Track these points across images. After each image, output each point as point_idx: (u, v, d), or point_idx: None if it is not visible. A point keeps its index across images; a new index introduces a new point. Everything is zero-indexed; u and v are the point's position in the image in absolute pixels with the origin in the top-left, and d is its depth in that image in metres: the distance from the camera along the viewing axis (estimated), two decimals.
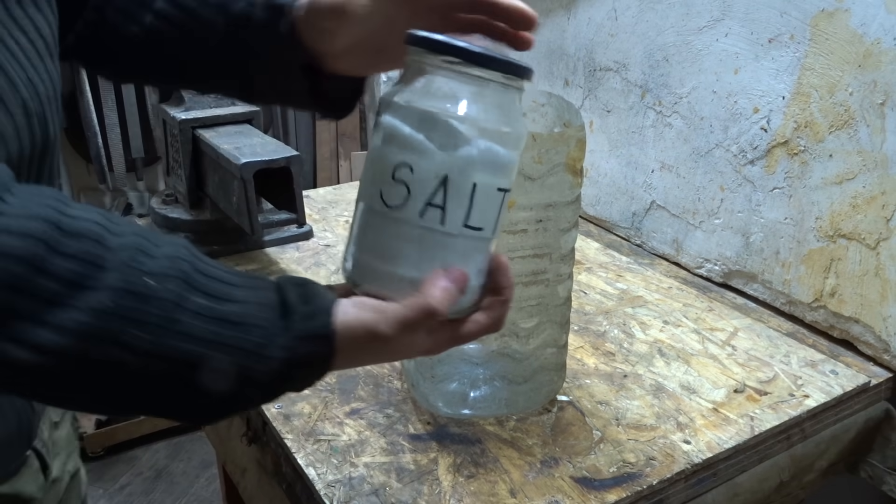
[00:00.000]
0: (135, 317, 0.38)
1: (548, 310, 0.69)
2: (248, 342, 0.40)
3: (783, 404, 0.75)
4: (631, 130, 1.10)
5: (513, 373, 0.71)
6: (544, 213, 0.65)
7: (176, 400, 0.41)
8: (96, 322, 0.37)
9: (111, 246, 0.38)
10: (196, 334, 0.39)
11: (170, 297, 0.39)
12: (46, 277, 0.36)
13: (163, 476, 1.95)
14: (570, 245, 0.69)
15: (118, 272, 0.38)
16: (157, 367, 0.39)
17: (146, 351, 0.38)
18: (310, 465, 0.66)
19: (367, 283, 0.47)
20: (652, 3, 1.01)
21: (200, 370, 0.40)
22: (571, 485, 0.64)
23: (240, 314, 0.41)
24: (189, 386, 0.40)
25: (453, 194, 0.45)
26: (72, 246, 0.37)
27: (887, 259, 0.79)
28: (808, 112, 0.84)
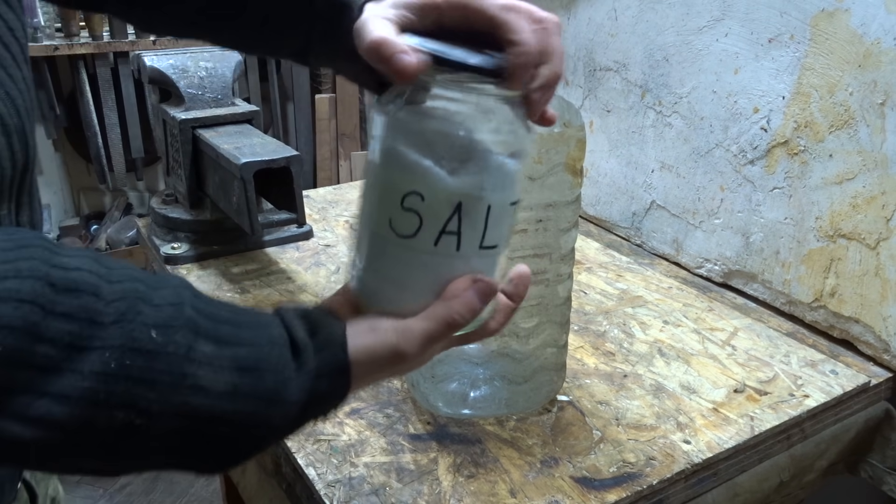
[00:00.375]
0: (141, 376, 0.35)
1: (548, 310, 0.69)
2: (263, 389, 0.38)
3: (783, 404, 0.75)
4: (631, 130, 1.10)
5: (513, 373, 0.71)
6: (544, 213, 0.65)
7: (191, 455, 0.39)
8: (100, 386, 0.34)
9: (108, 298, 0.35)
10: (208, 387, 0.37)
11: (177, 350, 0.36)
12: (43, 344, 0.33)
13: (163, 476, 1.95)
14: (571, 245, 0.69)
15: (119, 327, 0.35)
16: (169, 426, 0.36)
17: (157, 412, 0.36)
18: (310, 465, 0.66)
19: (381, 306, 0.45)
20: (652, 3, 1.01)
21: (216, 424, 0.38)
22: (571, 485, 0.64)
23: (252, 359, 0.39)
24: (204, 440, 0.38)
25: (468, 219, 0.43)
26: (67, 304, 0.34)
27: (887, 259, 0.79)
28: (808, 112, 0.84)
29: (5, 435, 0.33)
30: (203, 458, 0.39)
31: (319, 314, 0.43)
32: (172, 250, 1.02)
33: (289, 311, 0.42)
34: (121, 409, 0.35)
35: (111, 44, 1.93)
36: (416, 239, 0.43)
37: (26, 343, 0.33)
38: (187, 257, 1.02)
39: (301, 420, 0.42)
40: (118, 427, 0.35)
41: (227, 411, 0.38)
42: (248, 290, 0.95)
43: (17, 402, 0.33)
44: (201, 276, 0.99)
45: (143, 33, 1.82)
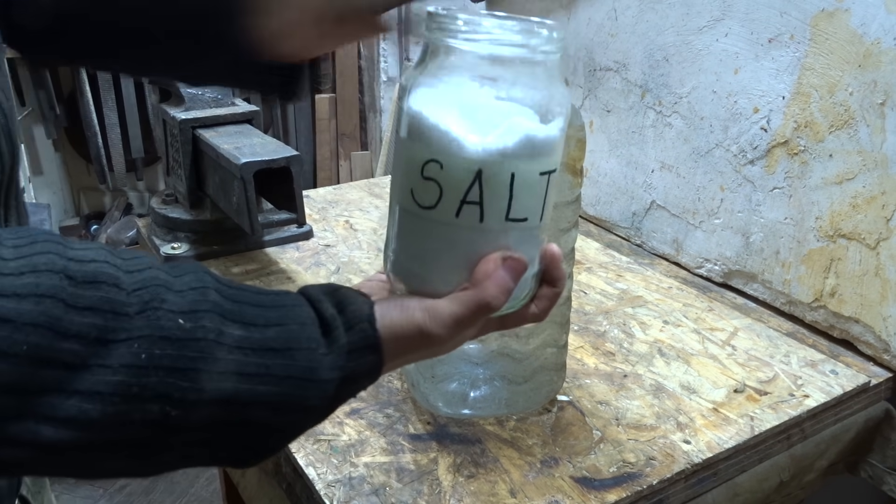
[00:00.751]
0: (173, 365, 0.34)
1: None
2: (296, 368, 0.37)
3: (783, 404, 0.75)
4: (631, 130, 1.10)
5: (513, 373, 0.71)
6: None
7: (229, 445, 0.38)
8: (132, 379, 0.33)
9: (129, 288, 0.34)
10: (241, 371, 0.36)
11: (206, 335, 0.35)
12: (68, 340, 0.32)
13: (163, 476, 1.95)
14: (571, 245, 0.69)
15: (144, 317, 0.34)
16: (204, 415, 0.35)
17: (193, 400, 0.34)
18: (310, 465, 0.66)
19: (411, 285, 0.44)
20: (652, 3, 1.01)
21: (252, 408, 0.36)
22: (571, 485, 0.64)
23: (281, 339, 0.37)
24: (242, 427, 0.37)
25: (490, 188, 0.40)
26: (88, 296, 0.33)
27: (887, 259, 0.79)
28: (808, 112, 0.84)
29: (38, 438, 0.32)
30: (242, 448, 0.38)
31: (345, 291, 0.42)
32: (172, 250, 1.02)
33: (314, 290, 0.41)
34: (155, 402, 0.33)
35: None
36: (438, 210, 0.41)
37: (50, 340, 0.31)
38: (187, 257, 1.02)
39: (336, 400, 0.40)
40: (153, 421, 0.34)
41: (262, 394, 0.36)
42: None
43: (46, 404, 0.31)
44: None
45: None
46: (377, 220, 1.19)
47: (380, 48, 2.28)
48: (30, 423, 0.31)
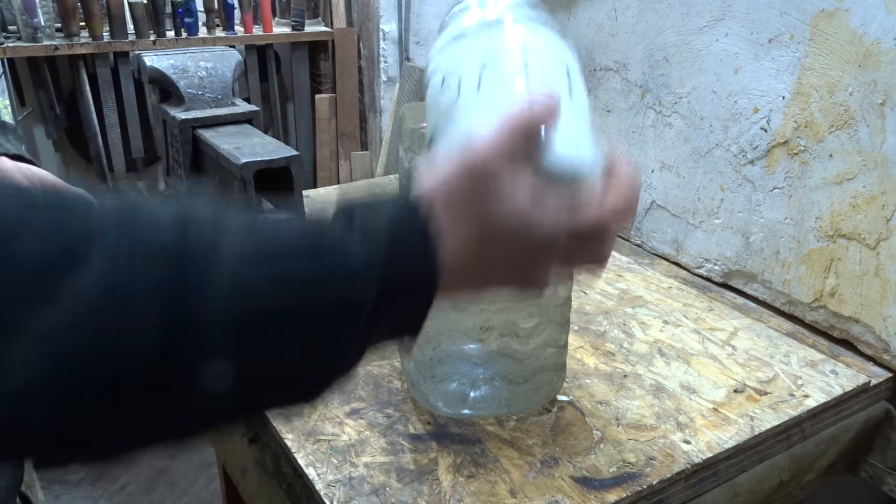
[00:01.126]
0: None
1: (548, 310, 0.69)
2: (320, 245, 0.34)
3: (783, 404, 0.75)
4: (631, 130, 1.10)
5: (513, 373, 0.71)
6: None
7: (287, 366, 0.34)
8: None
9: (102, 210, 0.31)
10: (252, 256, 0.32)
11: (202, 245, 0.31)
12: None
13: (163, 476, 1.95)
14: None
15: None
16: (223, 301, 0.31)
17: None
18: (310, 465, 0.66)
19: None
20: (652, 3, 1.01)
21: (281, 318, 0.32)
22: (571, 485, 0.64)
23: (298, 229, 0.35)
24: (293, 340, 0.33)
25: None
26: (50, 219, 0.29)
27: (887, 259, 0.79)
28: (808, 112, 0.84)
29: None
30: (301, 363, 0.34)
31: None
32: None
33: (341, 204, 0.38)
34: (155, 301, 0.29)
35: (111, 44, 1.93)
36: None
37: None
38: None
39: (388, 294, 0.35)
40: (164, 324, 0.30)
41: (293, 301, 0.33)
42: None
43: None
44: None
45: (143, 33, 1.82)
46: None
47: (380, 48, 2.28)
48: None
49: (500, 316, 0.68)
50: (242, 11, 1.95)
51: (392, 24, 2.13)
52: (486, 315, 0.68)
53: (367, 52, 2.42)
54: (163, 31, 1.85)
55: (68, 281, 0.28)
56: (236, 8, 1.96)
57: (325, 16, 2.36)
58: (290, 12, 2.17)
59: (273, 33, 2.08)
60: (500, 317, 0.68)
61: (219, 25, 1.95)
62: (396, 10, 2.11)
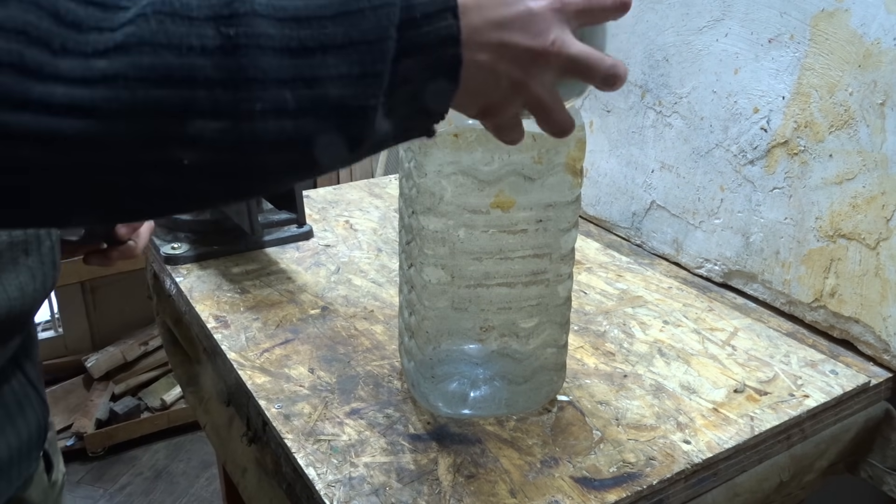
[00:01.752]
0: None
1: (548, 310, 0.69)
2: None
3: (783, 404, 0.75)
4: (631, 130, 1.10)
5: (513, 373, 0.71)
6: (544, 214, 0.65)
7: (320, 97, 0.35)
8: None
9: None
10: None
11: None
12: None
13: (163, 476, 1.95)
14: (571, 245, 0.69)
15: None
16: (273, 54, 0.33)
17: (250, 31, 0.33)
18: (310, 465, 0.66)
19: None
20: (652, 3, 1.01)
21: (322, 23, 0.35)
22: (571, 485, 0.64)
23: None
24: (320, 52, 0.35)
25: None
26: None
27: (887, 259, 0.79)
28: (808, 112, 0.84)
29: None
30: (334, 101, 0.36)
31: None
32: (172, 250, 1.02)
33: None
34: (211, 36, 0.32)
35: None
36: None
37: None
38: (187, 257, 1.02)
39: (410, 40, 0.37)
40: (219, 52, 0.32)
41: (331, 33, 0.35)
42: (248, 290, 0.95)
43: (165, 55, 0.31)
44: (201, 276, 0.99)
45: None
46: (377, 220, 1.19)
47: None
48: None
49: (500, 316, 0.68)
50: None
51: None
52: (486, 315, 0.68)
53: None
54: None
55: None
56: None
57: None
58: None
59: None
60: (500, 317, 0.68)
61: None
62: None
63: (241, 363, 0.80)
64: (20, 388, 0.55)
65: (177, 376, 1.10)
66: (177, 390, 2.02)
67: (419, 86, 0.39)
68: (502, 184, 0.63)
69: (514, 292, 0.67)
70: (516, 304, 0.68)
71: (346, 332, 0.87)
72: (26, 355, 0.57)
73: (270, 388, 0.76)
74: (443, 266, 0.66)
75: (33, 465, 0.59)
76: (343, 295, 0.95)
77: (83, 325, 2.15)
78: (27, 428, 0.56)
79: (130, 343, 2.09)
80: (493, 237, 0.65)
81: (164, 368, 2.07)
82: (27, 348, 0.58)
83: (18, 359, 0.56)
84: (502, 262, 0.66)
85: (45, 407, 0.59)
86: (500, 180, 0.63)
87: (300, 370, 0.79)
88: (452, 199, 0.64)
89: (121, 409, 1.97)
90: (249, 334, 0.86)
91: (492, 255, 0.66)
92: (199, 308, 0.91)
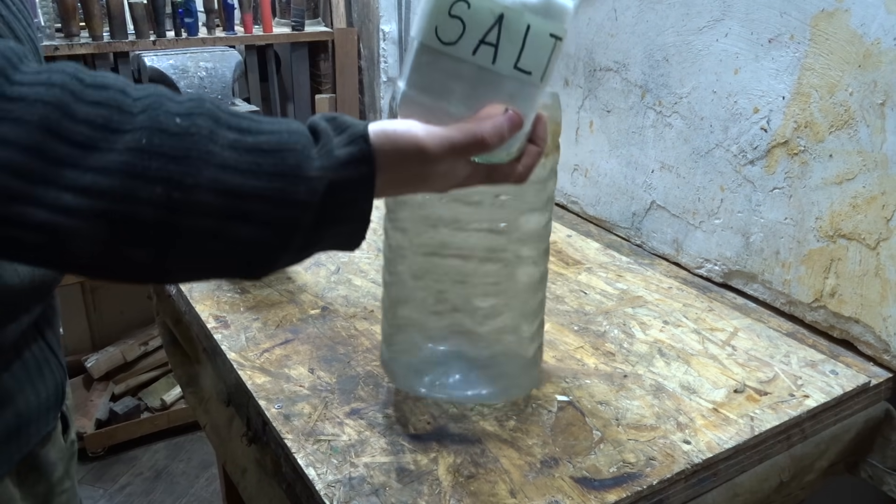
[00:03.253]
0: (171, 153, 0.39)
1: (506, 293, 0.69)
2: (286, 166, 0.41)
3: (783, 404, 0.75)
4: (631, 130, 1.10)
5: (469, 354, 0.71)
6: (501, 188, 0.65)
7: (236, 240, 0.41)
8: (136, 160, 0.38)
9: (134, 96, 0.40)
10: (234, 165, 0.40)
11: (200, 131, 0.40)
12: (78, 124, 0.38)
13: (163, 476, 1.95)
14: (534, 227, 0.68)
15: (146, 115, 0.39)
16: (204, 201, 0.39)
17: (192, 184, 0.39)
18: (310, 465, 0.66)
19: (418, 117, 0.49)
20: (652, 4, 1.01)
21: (247, 200, 0.40)
22: (571, 485, 0.64)
23: (273, 143, 0.42)
24: (244, 222, 0.41)
25: (507, 33, 0.47)
26: (96, 94, 0.39)
27: (887, 259, 0.79)
28: (808, 112, 0.84)
29: (62, 202, 0.37)
30: (251, 246, 0.42)
31: (347, 117, 0.46)
32: None
33: (317, 116, 0.46)
34: (158, 183, 0.38)
35: (111, 44, 1.92)
36: (458, 46, 0.47)
37: (60, 118, 0.37)
38: None
39: (329, 201, 0.43)
40: (159, 201, 0.39)
41: (255, 188, 0.41)
42: (248, 290, 0.95)
43: (67, 176, 0.37)
44: None
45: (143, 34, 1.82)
46: (377, 219, 1.18)
47: (380, 48, 2.28)
48: (54, 190, 0.37)
49: (456, 290, 0.68)
50: (242, 12, 1.95)
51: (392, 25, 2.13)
52: (441, 286, 0.68)
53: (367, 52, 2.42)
54: (163, 32, 1.85)
55: (111, 139, 0.38)
56: (236, 8, 1.96)
57: (325, 16, 2.36)
58: (290, 12, 2.17)
59: (273, 33, 2.08)
60: (456, 290, 0.68)
61: (219, 26, 1.95)
62: (396, 10, 2.11)
63: (241, 363, 0.80)
64: (40, 352, 0.60)
65: (177, 376, 1.10)
66: (177, 390, 2.02)
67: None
68: None
69: (469, 266, 0.67)
70: (472, 279, 0.68)
71: (346, 332, 0.87)
72: (48, 324, 0.62)
73: (270, 388, 0.76)
74: (402, 230, 0.67)
75: (51, 424, 0.62)
76: (343, 295, 0.95)
77: (83, 325, 2.15)
78: (45, 390, 0.59)
79: (130, 343, 2.09)
80: (448, 205, 0.65)
81: (164, 368, 2.07)
82: (49, 318, 0.62)
83: (40, 325, 0.60)
84: (458, 232, 0.66)
85: (63, 372, 0.63)
86: None
87: (300, 370, 0.79)
88: None
89: (121, 410, 1.97)
90: (249, 334, 0.85)
91: (448, 225, 0.66)
92: (199, 308, 0.91)
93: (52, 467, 0.63)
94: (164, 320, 1.08)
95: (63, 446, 0.65)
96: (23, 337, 0.58)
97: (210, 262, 0.43)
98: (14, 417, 0.56)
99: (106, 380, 2.07)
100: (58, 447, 0.64)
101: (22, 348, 0.58)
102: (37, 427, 0.59)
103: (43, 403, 0.59)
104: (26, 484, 0.61)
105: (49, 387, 0.60)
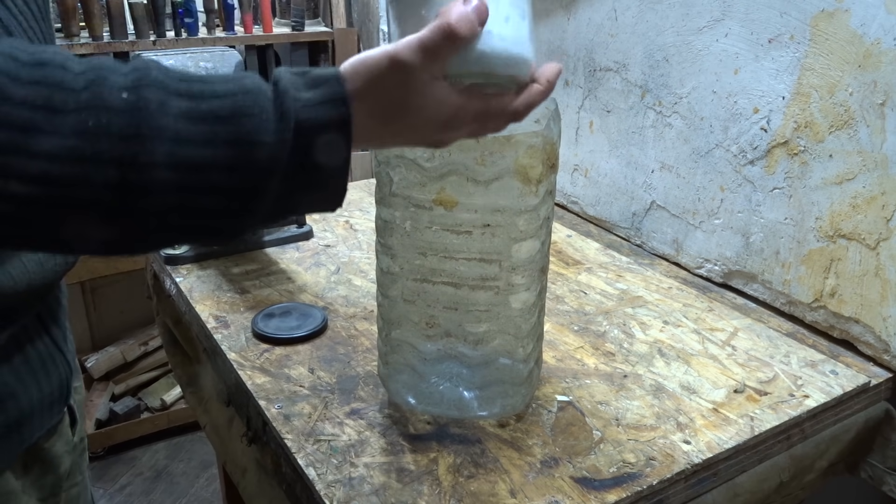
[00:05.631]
0: (120, 132, 0.37)
1: (499, 319, 0.67)
2: (242, 132, 0.39)
3: (783, 404, 0.75)
4: (631, 130, 1.10)
5: (462, 377, 0.70)
6: (492, 219, 0.63)
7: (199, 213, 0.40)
8: (83, 143, 0.36)
9: (76, 70, 0.37)
10: (188, 137, 0.38)
11: (148, 105, 0.37)
12: (16, 106, 0.35)
13: (163, 476, 1.95)
14: (526, 256, 0.66)
15: (89, 91, 0.37)
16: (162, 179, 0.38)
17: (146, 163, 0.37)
18: (310, 465, 0.66)
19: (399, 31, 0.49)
20: (652, 4, 1.01)
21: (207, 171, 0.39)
22: (571, 485, 0.64)
23: (227, 108, 0.40)
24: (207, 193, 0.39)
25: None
26: (34, 74, 0.36)
27: (887, 259, 0.79)
28: (808, 112, 0.84)
29: (9, 191, 0.36)
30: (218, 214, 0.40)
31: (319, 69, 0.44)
32: (172, 250, 1.02)
33: (283, 69, 0.43)
34: (110, 165, 0.36)
35: (111, 44, 1.93)
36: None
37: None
38: (187, 257, 1.02)
39: (300, 156, 0.41)
40: (114, 184, 0.37)
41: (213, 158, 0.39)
42: (248, 290, 0.95)
43: (12, 163, 0.35)
44: (201, 276, 0.98)
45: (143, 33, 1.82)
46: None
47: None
48: (1, 181, 0.35)
49: (447, 315, 0.67)
50: (242, 12, 1.95)
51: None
52: (432, 311, 0.67)
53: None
54: (163, 32, 1.85)
55: (54, 121, 0.36)
56: (236, 8, 1.96)
57: (325, 16, 2.36)
58: (290, 12, 2.17)
59: (273, 33, 2.08)
60: (447, 316, 0.67)
61: (219, 26, 1.95)
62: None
63: (241, 363, 0.80)
64: (44, 348, 0.59)
65: (177, 376, 1.10)
66: (177, 390, 2.02)
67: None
68: (444, 181, 0.62)
69: (460, 293, 0.66)
70: (463, 306, 0.66)
71: (346, 332, 0.87)
72: (53, 320, 0.61)
73: (270, 388, 0.76)
74: (392, 256, 0.67)
75: (55, 417, 0.62)
76: (343, 295, 0.95)
77: (83, 325, 2.15)
78: (49, 385, 0.59)
79: (130, 343, 2.09)
80: (437, 234, 0.64)
81: (164, 368, 2.07)
82: (55, 314, 0.62)
83: (44, 321, 0.60)
84: (447, 260, 0.65)
85: (69, 367, 0.63)
86: (442, 178, 0.62)
87: (300, 370, 0.79)
88: (398, 191, 0.64)
89: (121, 410, 1.97)
90: (249, 334, 0.86)
91: (436, 253, 0.65)
92: (199, 308, 0.91)
93: (59, 460, 0.63)
94: (164, 320, 1.08)
95: (70, 439, 0.65)
96: (24, 332, 0.57)
97: (178, 233, 0.42)
98: (15, 412, 0.56)
99: (106, 380, 2.07)
100: (65, 440, 0.64)
101: (24, 343, 0.57)
102: (39, 421, 0.59)
103: (46, 398, 0.59)
104: (31, 475, 0.61)
105: (53, 382, 0.60)
